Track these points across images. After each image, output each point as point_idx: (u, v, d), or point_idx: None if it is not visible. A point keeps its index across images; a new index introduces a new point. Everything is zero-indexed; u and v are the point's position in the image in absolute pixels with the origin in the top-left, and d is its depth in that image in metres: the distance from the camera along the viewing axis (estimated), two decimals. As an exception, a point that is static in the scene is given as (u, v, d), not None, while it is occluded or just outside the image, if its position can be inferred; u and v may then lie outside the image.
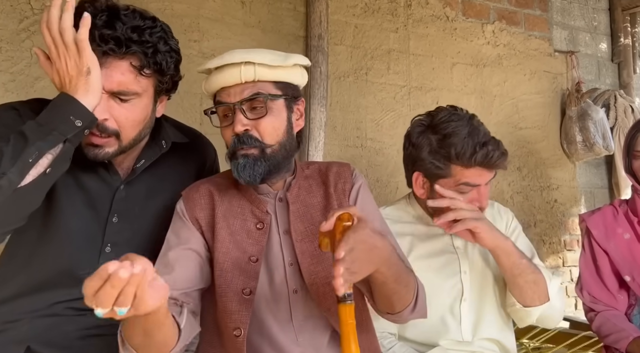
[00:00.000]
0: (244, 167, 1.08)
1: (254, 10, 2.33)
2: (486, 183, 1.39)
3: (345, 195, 1.18)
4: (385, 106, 2.59)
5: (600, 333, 1.68)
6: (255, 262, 1.10)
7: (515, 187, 2.90)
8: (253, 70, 1.07)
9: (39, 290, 1.15)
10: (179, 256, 1.10)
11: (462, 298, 1.41)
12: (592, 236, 1.74)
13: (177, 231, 1.13)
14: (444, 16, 2.78)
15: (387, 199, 2.51)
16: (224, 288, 1.09)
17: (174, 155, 1.27)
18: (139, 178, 1.22)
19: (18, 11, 1.91)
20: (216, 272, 1.10)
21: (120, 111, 1.09)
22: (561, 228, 3.01)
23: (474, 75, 2.82)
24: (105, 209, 1.19)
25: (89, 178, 1.18)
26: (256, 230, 1.13)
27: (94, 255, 1.17)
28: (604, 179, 3.22)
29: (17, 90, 1.89)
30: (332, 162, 1.27)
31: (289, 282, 1.12)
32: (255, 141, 1.08)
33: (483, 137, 1.36)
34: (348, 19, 2.53)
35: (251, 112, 1.08)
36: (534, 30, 3.04)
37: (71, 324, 1.13)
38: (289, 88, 1.13)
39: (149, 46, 1.08)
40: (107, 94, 1.07)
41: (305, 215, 1.15)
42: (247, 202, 1.16)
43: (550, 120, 3.03)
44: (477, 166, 1.34)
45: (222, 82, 1.10)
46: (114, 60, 1.06)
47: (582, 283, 1.76)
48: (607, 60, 3.33)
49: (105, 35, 1.03)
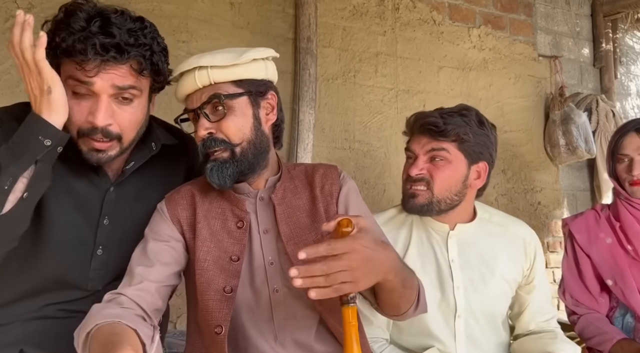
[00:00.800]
0: (211, 171, 1.08)
1: (242, 11, 2.33)
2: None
3: (332, 198, 1.18)
4: (373, 109, 2.61)
5: (583, 335, 1.70)
6: (237, 261, 1.11)
7: (500, 189, 2.94)
8: (207, 74, 1.07)
9: (30, 295, 1.14)
10: (159, 250, 1.10)
11: (455, 314, 1.39)
12: (575, 240, 1.76)
13: (155, 228, 1.14)
14: (431, 20, 2.81)
15: (374, 201, 2.53)
16: (205, 286, 1.09)
17: (162, 156, 1.26)
18: (128, 180, 1.22)
19: (3, 10, 1.88)
20: (197, 271, 1.10)
21: (122, 115, 1.09)
22: (544, 230, 3.06)
23: (460, 78, 2.86)
24: (96, 212, 1.18)
25: (78, 181, 1.17)
26: (237, 230, 1.13)
27: (86, 258, 1.17)
28: (586, 182, 3.28)
29: (2, 90, 1.86)
30: (319, 164, 1.27)
31: (270, 281, 1.12)
32: (221, 142, 1.08)
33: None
34: (337, 21, 2.54)
35: (213, 114, 1.09)
36: (518, 35, 3.09)
37: (62, 326, 1.12)
38: (251, 84, 1.11)
39: (146, 48, 1.08)
40: (109, 98, 1.07)
41: (291, 218, 1.15)
42: (227, 202, 1.16)
43: (534, 124, 3.08)
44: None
45: (183, 90, 1.11)
46: (115, 65, 1.05)
47: (565, 286, 1.78)
48: (589, 65, 3.40)
49: (105, 44, 1.02)
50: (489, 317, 1.43)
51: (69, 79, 1.05)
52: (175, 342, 1.39)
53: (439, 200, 1.38)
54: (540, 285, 1.50)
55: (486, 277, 1.42)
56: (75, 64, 1.03)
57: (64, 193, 1.15)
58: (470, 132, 1.37)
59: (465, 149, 1.38)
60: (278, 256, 1.13)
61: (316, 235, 1.14)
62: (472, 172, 1.41)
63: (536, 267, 1.49)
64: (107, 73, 1.04)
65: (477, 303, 1.40)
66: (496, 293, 1.43)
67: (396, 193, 2.56)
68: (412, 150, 1.42)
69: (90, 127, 1.07)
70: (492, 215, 1.53)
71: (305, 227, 1.15)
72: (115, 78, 1.05)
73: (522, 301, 1.51)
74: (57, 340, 1.10)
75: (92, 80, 1.04)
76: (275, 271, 1.13)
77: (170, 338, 1.40)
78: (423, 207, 1.38)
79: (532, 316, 1.50)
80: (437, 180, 1.37)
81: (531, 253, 1.49)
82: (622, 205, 1.73)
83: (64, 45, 1.02)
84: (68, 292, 1.16)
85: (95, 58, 1.02)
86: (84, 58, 1.02)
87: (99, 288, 1.17)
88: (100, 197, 1.18)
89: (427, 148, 1.38)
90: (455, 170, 1.37)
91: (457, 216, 1.45)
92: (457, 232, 1.44)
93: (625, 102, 3.57)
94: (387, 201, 2.54)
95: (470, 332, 1.40)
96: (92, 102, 1.06)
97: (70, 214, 1.15)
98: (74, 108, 1.06)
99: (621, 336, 1.61)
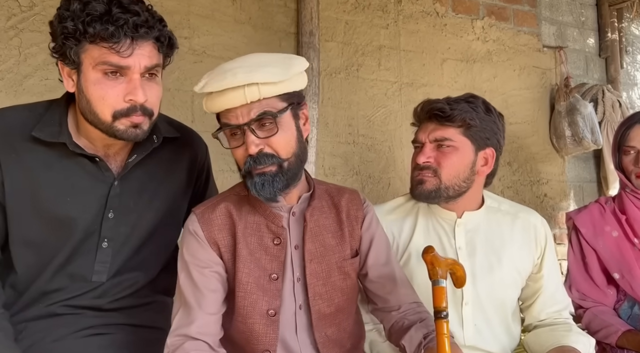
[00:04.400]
0: (262, 186, 1.06)
1: (244, 6, 2.32)
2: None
3: (357, 223, 1.20)
4: (377, 102, 2.59)
5: (590, 329, 1.69)
6: (276, 279, 1.11)
7: (506, 181, 2.92)
8: (257, 90, 1.03)
9: (39, 298, 1.17)
10: (205, 278, 1.09)
11: (462, 302, 1.39)
12: (580, 234, 1.75)
13: (195, 254, 1.10)
14: (434, 12, 2.78)
15: (379, 195, 2.52)
16: (250, 310, 1.09)
17: (165, 150, 1.27)
18: (132, 174, 1.22)
19: (6, 8, 1.88)
20: (239, 294, 1.09)
21: (151, 90, 1.12)
22: (551, 223, 3.05)
23: (464, 71, 2.84)
24: (101, 205, 1.19)
25: (82, 177, 1.18)
26: (274, 246, 1.13)
27: (91, 251, 1.18)
28: (592, 173, 3.26)
29: (6, 89, 1.86)
30: (342, 187, 1.27)
31: (296, 297, 1.14)
32: (272, 158, 1.06)
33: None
34: (339, 15, 2.53)
35: (261, 130, 1.05)
36: (523, 26, 3.06)
37: (69, 326, 1.14)
38: (293, 96, 1.10)
39: (163, 24, 1.12)
40: (141, 75, 1.09)
41: (318, 236, 1.16)
42: (262, 218, 1.14)
43: (539, 115, 3.06)
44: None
45: (226, 104, 1.05)
46: (143, 42, 1.08)
47: (571, 280, 1.77)
48: (595, 55, 3.37)
49: (135, 22, 1.05)
50: (497, 306, 1.42)
51: (100, 64, 1.06)
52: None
53: (447, 186, 1.37)
54: (550, 274, 1.49)
55: (494, 264, 1.42)
56: (108, 47, 1.05)
57: (69, 188, 1.16)
58: (476, 117, 1.37)
59: (472, 135, 1.38)
60: (302, 273, 1.14)
61: (339, 257, 1.16)
62: (480, 159, 1.41)
63: (546, 256, 1.48)
64: (139, 51, 1.07)
65: (485, 291, 1.40)
66: (505, 282, 1.43)
67: (401, 187, 2.56)
68: (419, 139, 1.42)
69: (129, 106, 1.09)
70: (501, 203, 1.52)
71: (330, 247, 1.16)
72: (144, 58, 1.08)
73: (532, 290, 1.50)
74: (64, 338, 1.12)
75: (127, 60, 1.06)
76: (300, 287, 1.14)
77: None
78: (431, 193, 1.38)
79: (543, 305, 1.49)
80: (444, 168, 1.36)
81: (542, 241, 1.48)
82: (628, 197, 1.72)
83: (91, 31, 1.03)
84: (74, 285, 1.18)
85: (127, 38, 1.04)
86: (116, 40, 1.04)
87: (103, 280, 1.19)
88: (105, 191, 1.19)
89: (433, 135, 1.38)
90: (462, 156, 1.37)
91: (465, 204, 1.44)
92: (465, 220, 1.44)
93: (631, 92, 3.54)
94: (391, 195, 2.53)
95: (478, 321, 1.40)
96: (125, 82, 1.09)
97: (75, 208, 1.16)
98: (108, 90, 1.08)
99: (626, 328, 1.61)
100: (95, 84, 1.07)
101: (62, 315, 1.16)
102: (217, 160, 2.19)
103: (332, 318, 1.15)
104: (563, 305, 1.50)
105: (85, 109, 1.11)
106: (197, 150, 1.38)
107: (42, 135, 1.13)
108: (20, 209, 1.14)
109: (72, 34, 1.04)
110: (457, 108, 1.35)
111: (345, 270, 1.16)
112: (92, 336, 1.14)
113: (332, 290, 1.14)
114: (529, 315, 1.52)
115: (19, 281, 1.18)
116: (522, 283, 1.48)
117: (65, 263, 1.17)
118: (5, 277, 1.19)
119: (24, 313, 1.17)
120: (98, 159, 1.18)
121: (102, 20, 1.03)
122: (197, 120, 2.18)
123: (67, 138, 1.15)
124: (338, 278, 1.15)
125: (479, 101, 1.41)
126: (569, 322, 1.48)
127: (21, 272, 1.18)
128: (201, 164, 1.39)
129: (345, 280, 1.16)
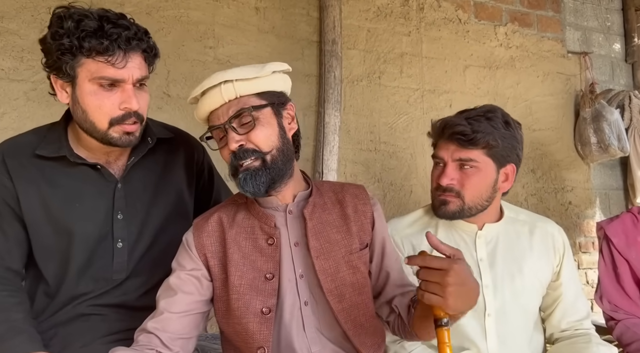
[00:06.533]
0: (245, 180, 1.10)
1: (268, 16, 2.35)
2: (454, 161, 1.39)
3: (366, 216, 1.22)
4: (399, 109, 2.60)
5: (621, 341, 1.66)
6: (272, 279, 1.12)
7: (530, 189, 2.89)
8: (232, 87, 1.10)
9: (67, 301, 1.23)
10: (181, 281, 1.13)
11: (485, 313, 1.39)
12: (612, 244, 1.73)
13: (180, 261, 1.16)
14: (456, 19, 2.78)
15: (401, 203, 2.52)
16: (243, 310, 1.11)
17: (161, 150, 1.35)
18: (132, 175, 1.30)
19: (38, 21, 1.95)
20: (233, 296, 1.11)
21: (142, 99, 1.21)
22: (576, 231, 3.00)
23: (486, 77, 2.83)
24: (109, 209, 1.26)
25: (88, 184, 1.25)
26: (268, 247, 1.15)
27: (108, 252, 1.25)
28: (619, 181, 3.20)
29: (38, 99, 1.92)
30: (346, 183, 1.30)
31: (300, 294, 1.15)
32: (253, 152, 1.10)
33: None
34: (361, 23, 2.54)
35: (241, 127, 1.10)
36: (546, 32, 3.03)
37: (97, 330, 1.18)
38: (273, 96, 1.15)
39: (148, 36, 1.20)
40: (133, 85, 1.17)
41: (321, 233, 1.17)
42: (255, 220, 1.17)
43: (563, 122, 3.02)
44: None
45: (207, 107, 1.13)
46: (134, 54, 1.16)
47: (602, 291, 1.74)
48: (621, 61, 3.31)
49: (127, 36, 1.14)
50: (520, 316, 1.42)
51: (95, 78, 1.14)
52: (207, 345, 1.41)
53: (470, 207, 1.39)
54: (569, 282, 1.48)
55: (515, 275, 1.42)
56: (102, 61, 1.12)
57: (78, 197, 1.24)
58: (498, 137, 1.36)
59: (494, 155, 1.38)
60: (307, 269, 1.16)
61: (346, 251, 1.17)
62: (501, 176, 1.42)
63: (565, 264, 1.48)
64: (131, 64, 1.16)
65: (507, 301, 1.40)
66: (526, 291, 1.43)
67: (423, 194, 2.55)
68: (440, 157, 1.42)
69: (124, 113, 1.17)
70: (519, 213, 1.54)
71: (335, 242, 1.17)
72: (135, 70, 1.16)
73: (552, 299, 1.50)
74: (90, 342, 1.17)
75: (121, 72, 1.14)
76: (304, 284, 1.15)
77: (202, 342, 1.43)
78: (455, 213, 1.40)
79: (563, 314, 1.48)
80: (467, 189, 1.38)
81: (560, 249, 1.49)
82: (661, 207, 1.69)
83: (87, 45, 1.11)
84: (98, 286, 1.25)
85: (120, 51, 1.12)
86: (111, 53, 1.12)
87: (123, 277, 1.26)
88: (111, 195, 1.26)
89: (455, 156, 1.38)
90: (485, 176, 1.38)
91: (486, 217, 1.46)
92: (485, 232, 1.45)
93: (659, 97, 3.46)
94: (413, 203, 2.53)
95: (501, 331, 1.39)
96: (119, 92, 1.16)
97: (84, 214, 1.24)
98: (104, 100, 1.15)
99: (659, 341, 1.57)
100: (92, 95, 1.15)
101: (89, 316, 1.21)
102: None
103: (345, 313, 1.15)
104: (584, 314, 1.49)
105: (81, 119, 1.19)
106: (193, 148, 1.44)
107: (45, 152, 1.23)
108: (36, 220, 1.22)
109: (68, 49, 1.12)
110: (479, 130, 1.34)
111: (353, 264, 1.17)
112: (119, 341, 1.17)
113: (342, 285, 1.14)
114: (549, 324, 1.51)
115: (50, 288, 1.25)
116: (543, 292, 1.48)
117: (86, 267, 1.24)
118: (37, 285, 1.26)
119: (55, 318, 1.22)
120: (100, 167, 1.26)
121: (96, 36, 1.11)
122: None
123: (68, 151, 1.23)
124: (347, 273, 1.15)
125: (497, 115, 1.39)
126: (589, 332, 1.47)
127: (49, 279, 1.24)
128: (200, 162, 1.45)
129: (355, 274, 1.16)
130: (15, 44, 1.91)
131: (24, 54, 1.92)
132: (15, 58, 1.91)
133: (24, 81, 1.92)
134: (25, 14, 1.93)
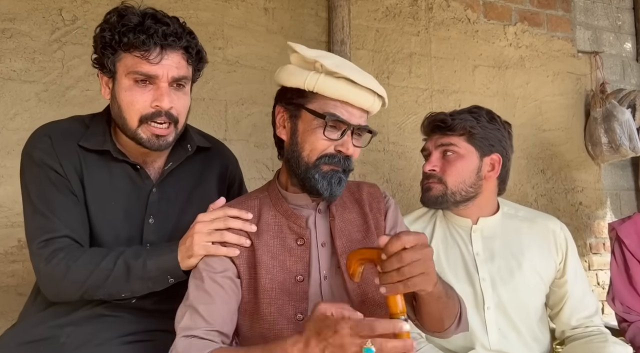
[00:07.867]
0: (339, 182, 1.10)
1: (276, 16, 2.36)
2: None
3: (381, 214, 1.22)
4: (408, 110, 2.59)
5: (634, 343, 1.64)
6: (302, 281, 1.10)
7: (539, 189, 2.87)
8: (378, 105, 1.14)
9: (82, 304, 1.21)
10: (216, 285, 1.08)
11: (484, 306, 1.41)
12: (624, 245, 1.71)
13: (208, 261, 1.11)
14: (465, 19, 2.77)
15: (410, 203, 2.51)
16: (276, 316, 1.07)
17: (198, 159, 1.34)
18: (169, 181, 1.28)
19: (50, 22, 1.97)
20: (264, 300, 1.07)
21: (178, 100, 1.19)
22: (586, 231, 2.98)
23: (496, 77, 2.81)
24: (141, 211, 1.24)
25: (124, 183, 1.24)
26: (297, 247, 1.12)
27: None
28: (630, 181, 3.17)
29: (50, 100, 1.94)
30: (360, 181, 1.30)
31: (324, 295, 1.13)
32: (350, 164, 1.13)
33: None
34: (369, 23, 2.54)
35: (356, 139, 1.13)
36: (556, 31, 3.01)
37: (112, 330, 1.18)
38: None
39: (193, 36, 1.19)
40: (168, 84, 1.16)
41: (344, 231, 1.16)
42: (283, 218, 1.15)
43: (574, 122, 3.00)
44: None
45: (353, 99, 1.08)
46: (172, 52, 1.15)
47: (614, 292, 1.72)
48: (632, 60, 3.28)
49: (164, 32, 1.13)
50: (521, 310, 1.43)
51: (130, 73, 1.14)
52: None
53: (454, 192, 1.43)
54: (576, 278, 1.48)
55: (514, 269, 1.43)
56: (138, 56, 1.13)
57: (111, 195, 1.22)
58: (478, 125, 1.43)
59: (476, 142, 1.43)
60: (330, 270, 1.14)
61: None
62: (485, 164, 1.45)
63: (569, 260, 1.48)
64: (167, 61, 1.14)
65: (506, 295, 1.42)
66: (526, 286, 1.44)
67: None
68: (425, 147, 1.52)
69: (154, 111, 1.16)
70: (518, 210, 1.56)
71: (357, 241, 1.16)
72: (172, 68, 1.15)
73: (559, 296, 1.50)
74: (104, 343, 1.16)
75: (155, 68, 1.13)
76: (327, 285, 1.13)
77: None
78: (437, 198, 1.44)
79: (572, 311, 1.48)
80: (449, 175, 1.43)
81: (562, 245, 1.49)
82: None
83: (125, 40, 1.12)
84: None
85: (156, 46, 1.12)
86: (147, 48, 1.12)
87: None
88: (145, 197, 1.25)
89: (438, 143, 1.46)
90: (466, 162, 1.43)
91: (478, 209, 1.48)
92: (480, 226, 1.48)
93: (671, 97, 3.43)
94: (422, 203, 2.52)
95: (502, 325, 1.41)
96: (153, 90, 1.15)
97: (118, 215, 1.22)
98: (137, 96, 1.15)
99: (672, 343, 1.56)
100: (126, 90, 1.15)
101: (107, 317, 1.20)
102: (250, 169, 2.23)
103: (368, 314, 1.10)
104: (593, 311, 1.49)
105: (116, 115, 1.19)
106: (228, 161, 1.44)
107: (89, 145, 1.22)
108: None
109: (109, 43, 1.13)
110: (458, 118, 1.43)
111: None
112: (134, 343, 1.17)
113: (365, 284, 1.13)
114: (559, 321, 1.51)
115: None
116: (545, 288, 1.48)
117: None
118: None
119: (73, 316, 1.20)
120: (139, 167, 1.24)
121: (135, 30, 1.12)
122: (230, 129, 2.22)
123: (111, 145, 1.22)
124: (369, 272, 1.13)
125: (482, 111, 1.48)
126: (603, 330, 1.46)
127: None
128: (232, 174, 1.44)
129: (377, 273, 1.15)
130: (27, 45, 1.93)
131: (35, 55, 1.94)
132: (27, 59, 1.93)
133: (35, 82, 1.93)
134: (37, 15, 1.95)
